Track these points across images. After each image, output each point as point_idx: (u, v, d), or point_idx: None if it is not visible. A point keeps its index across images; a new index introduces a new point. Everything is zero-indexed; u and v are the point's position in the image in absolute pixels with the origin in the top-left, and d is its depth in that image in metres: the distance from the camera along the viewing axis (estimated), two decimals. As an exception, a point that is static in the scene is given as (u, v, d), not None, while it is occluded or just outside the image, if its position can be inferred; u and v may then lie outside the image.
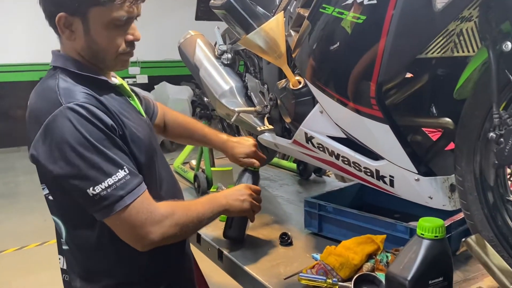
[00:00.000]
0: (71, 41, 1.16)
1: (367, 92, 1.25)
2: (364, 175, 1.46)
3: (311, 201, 1.67)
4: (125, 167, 1.12)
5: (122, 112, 1.21)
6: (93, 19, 1.10)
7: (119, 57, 1.20)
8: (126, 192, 1.11)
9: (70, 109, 1.08)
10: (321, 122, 1.49)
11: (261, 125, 1.95)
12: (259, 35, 1.48)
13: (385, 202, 1.85)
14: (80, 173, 1.08)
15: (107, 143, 1.11)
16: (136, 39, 1.19)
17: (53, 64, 1.21)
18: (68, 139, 1.07)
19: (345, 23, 1.21)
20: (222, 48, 2.14)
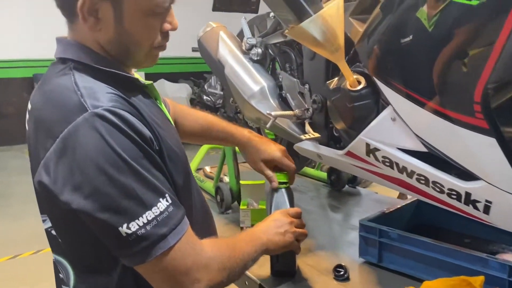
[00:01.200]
0: (95, 31, 0.89)
1: (468, 96, 0.97)
2: (446, 197, 1.18)
3: (370, 226, 1.39)
4: (167, 195, 0.85)
5: (154, 119, 0.94)
6: (129, 4, 0.85)
7: (152, 52, 0.94)
8: (169, 229, 0.83)
9: (99, 116, 0.80)
10: (392, 131, 1.21)
11: (300, 132, 1.67)
12: (316, 23, 1.20)
13: (449, 222, 1.57)
14: (111, 205, 0.80)
15: (145, 162, 0.83)
16: (173, 29, 0.95)
17: (61, 56, 0.92)
18: (96, 157, 0.79)
19: (449, 5, 0.92)
20: (251, 42, 1.85)
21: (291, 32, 1.27)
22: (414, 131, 1.15)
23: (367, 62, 1.23)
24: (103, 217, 0.80)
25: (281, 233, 1.14)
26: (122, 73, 0.92)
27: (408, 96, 1.12)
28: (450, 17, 0.94)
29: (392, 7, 1.10)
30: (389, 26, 1.13)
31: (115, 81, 0.90)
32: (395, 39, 1.11)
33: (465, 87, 0.98)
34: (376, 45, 1.18)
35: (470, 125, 1.00)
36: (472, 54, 0.94)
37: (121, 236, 0.80)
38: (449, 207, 1.20)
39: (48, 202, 0.88)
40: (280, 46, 1.81)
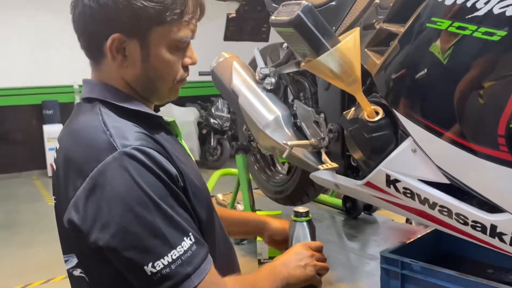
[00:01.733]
0: (122, 68, 0.90)
1: (492, 129, 0.97)
2: (470, 230, 1.16)
3: (391, 258, 1.37)
4: (191, 234, 0.84)
5: (178, 156, 0.93)
6: (155, 42, 0.88)
7: (175, 86, 0.95)
8: (193, 268, 0.82)
9: (128, 155, 0.81)
10: (413, 162, 1.20)
11: (316, 161, 1.66)
12: (333, 57, 1.21)
13: (469, 251, 1.55)
14: (137, 244, 0.79)
15: (171, 200, 0.83)
16: (194, 63, 0.97)
17: (88, 96, 0.94)
18: (124, 196, 0.79)
19: (469, 40, 0.93)
20: (265, 72, 1.87)
21: (308, 65, 1.27)
22: (435, 163, 1.14)
23: (385, 93, 1.23)
24: (129, 256, 0.80)
25: (302, 266, 1.12)
26: (147, 111, 0.93)
27: (428, 128, 1.11)
28: (470, 53, 0.95)
29: (410, 39, 1.11)
30: (407, 58, 1.13)
31: (139, 119, 0.91)
32: (413, 71, 1.12)
33: (488, 120, 0.97)
34: (394, 76, 1.18)
35: (495, 158, 0.99)
36: (495, 87, 0.94)
37: (146, 275, 0.80)
38: (473, 239, 1.18)
39: (78, 241, 0.88)
40: (294, 75, 1.82)
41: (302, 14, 1.18)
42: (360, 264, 1.65)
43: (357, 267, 1.63)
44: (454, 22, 0.95)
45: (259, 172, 2.32)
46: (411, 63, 1.11)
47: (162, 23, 0.86)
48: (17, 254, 4.56)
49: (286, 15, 1.22)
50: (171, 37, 0.88)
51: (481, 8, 0.89)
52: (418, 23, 1.06)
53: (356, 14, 1.43)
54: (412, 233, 1.64)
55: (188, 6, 0.88)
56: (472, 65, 0.96)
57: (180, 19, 0.87)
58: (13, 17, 6.57)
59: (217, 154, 7.53)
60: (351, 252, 1.77)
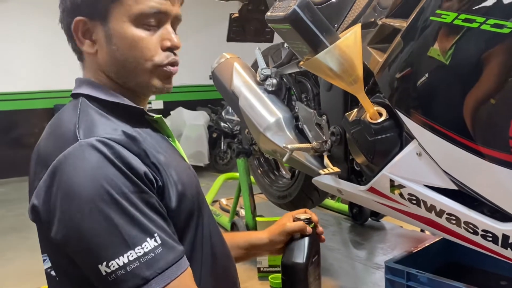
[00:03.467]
0: (93, 55, 0.87)
1: (503, 131, 0.89)
2: (480, 239, 1.08)
3: (396, 268, 1.29)
4: (157, 235, 0.77)
5: (161, 152, 0.88)
6: (116, 19, 0.84)
7: (156, 71, 0.88)
8: (154, 272, 0.75)
9: (90, 146, 0.77)
10: (418, 167, 1.12)
11: (318, 166, 1.59)
12: (332, 54, 1.13)
13: (481, 261, 1.46)
14: (91, 240, 0.74)
15: (134, 197, 0.77)
16: (174, 46, 0.88)
17: (75, 91, 0.91)
18: (80, 188, 0.74)
19: (477, 34, 0.85)
20: (266, 73, 1.80)
21: (307, 64, 1.20)
22: (442, 168, 1.06)
23: (389, 93, 1.16)
24: (84, 252, 0.75)
25: None
26: (130, 104, 0.88)
27: (434, 130, 1.03)
28: (478, 47, 0.87)
29: (414, 35, 1.03)
30: (411, 55, 1.06)
31: (122, 115, 0.86)
32: (417, 69, 1.04)
33: (499, 121, 0.89)
34: (398, 75, 1.10)
35: (506, 162, 0.91)
36: (505, 86, 0.86)
37: (101, 275, 0.74)
38: (483, 250, 1.09)
39: (44, 235, 0.84)
40: (296, 76, 1.75)
41: (298, 9, 1.11)
42: (366, 273, 1.57)
43: (362, 277, 1.55)
44: (460, 14, 0.87)
45: (262, 176, 2.25)
46: (414, 60, 1.04)
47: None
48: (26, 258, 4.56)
49: (282, 10, 1.16)
50: (131, 11, 0.83)
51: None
52: (421, 17, 0.98)
53: (358, 11, 1.36)
54: (422, 241, 1.56)
55: None
56: (481, 61, 0.88)
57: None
58: (25, 21, 6.63)
59: (227, 157, 7.49)
60: (356, 260, 1.69)
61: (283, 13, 1.13)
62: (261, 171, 2.28)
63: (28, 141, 7.23)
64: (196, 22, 7.18)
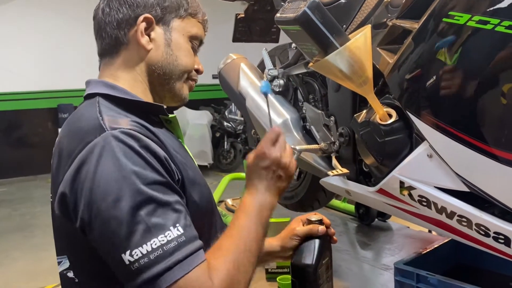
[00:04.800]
0: (144, 51, 0.94)
1: (516, 132, 0.88)
2: (492, 241, 1.07)
3: (406, 270, 1.29)
4: (179, 225, 0.78)
5: (177, 151, 0.91)
6: (176, 30, 0.97)
7: (188, 81, 1.01)
8: (176, 260, 0.75)
9: (115, 138, 0.79)
10: (429, 169, 1.12)
11: (326, 167, 1.59)
12: (343, 56, 1.13)
13: (490, 263, 1.45)
14: (113, 229, 0.75)
15: (159, 187, 0.79)
16: (201, 71, 1.04)
17: (91, 91, 0.93)
18: (106, 177, 0.76)
19: (491, 35, 0.85)
20: (273, 73, 1.80)
21: (316, 65, 1.20)
22: (453, 169, 1.05)
23: (399, 94, 1.15)
24: (107, 240, 0.76)
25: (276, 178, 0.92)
26: (147, 101, 0.93)
27: (445, 132, 1.03)
28: (492, 49, 0.86)
29: (426, 36, 1.03)
30: (422, 57, 1.05)
31: (138, 113, 0.90)
32: (429, 71, 1.04)
33: (511, 122, 0.89)
34: (408, 76, 1.10)
35: (519, 164, 0.91)
36: (519, 87, 0.86)
37: (124, 264, 0.75)
38: (495, 252, 1.09)
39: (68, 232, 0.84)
40: (303, 76, 1.75)
41: (308, 11, 1.11)
42: (373, 275, 1.57)
43: (370, 278, 1.55)
44: (474, 16, 0.87)
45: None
46: (426, 62, 1.03)
47: (183, 15, 0.96)
48: (30, 257, 4.57)
49: (291, 12, 1.15)
50: (189, 30, 0.97)
51: (504, 0, 0.81)
52: (433, 18, 0.98)
53: (368, 11, 1.35)
54: (429, 242, 1.56)
55: (199, 8, 1.00)
56: (495, 62, 0.87)
57: (197, 17, 0.98)
58: (29, 21, 6.64)
59: (231, 157, 7.49)
60: (364, 261, 1.69)
61: (293, 14, 1.13)
62: (267, 171, 2.27)
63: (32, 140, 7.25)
64: (199, 22, 7.20)
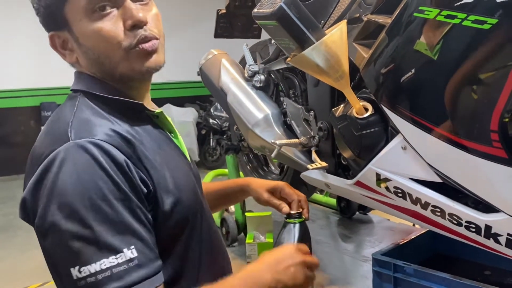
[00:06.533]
0: (77, 63, 0.87)
1: (484, 124, 0.91)
2: (464, 230, 1.11)
3: (383, 260, 1.32)
4: (134, 248, 0.75)
5: (158, 153, 0.86)
6: (74, 21, 0.83)
7: (131, 55, 0.83)
8: (123, 284, 0.73)
9: (80, 147, 0.76)
10: (403, 161, 1.15)
11: (306, 161, 1.61)
12: (319, 50, 1.15)
13: (466, 252, 1.49)
14: (65, 242, 0.73)
15: (117, 205, 0.75)
16: (137, 21, 0.82)
17: (73, 88, 0.90)
18: (63, 189, 0.74)
19: (458, 29, 0.87)
20: (254, 69, 1.81)
21: (293, 60, 1.22)
22: (426, 161, 1.08)
23: (374, 88, 1.18)
24: (58, 251, 0.75)
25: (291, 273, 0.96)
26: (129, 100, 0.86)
27: (418, 124, 1.05)
28: (460, 43, 0.89)
29: (398, 31, 1.05)
30: (395, 51, 1.08)
31: (122, 111, 0.85)
32: (401, 65, 1.06)
33: (480, 115, 0.92)
34: (382, 71, 1.12)
35: (488, 154, 0.93)
36: (486, 80, 0.88)
37: (72, 278, 0.73)
38: (467, 240, 1.12)
39: None
40: (283, 72, 1.77)
41: (284, 6, 1.12)
42: (354, 266, 1.59)
43: (350, 269, 1.57)
44: (443, 11, 0.89)
45: (252, 172, 2.26)
46: (398, 56, 1.05)
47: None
48: (14, 257, 4.52)
49: (268, 7, 1.17)
50: (79, 5, 0.80)
51: (470, -5, 0.84)
52: (405, 13, 1.00)
53: (344, 7, 1.37)
54: (408, 234, 1.59)
55: None
56: (463, 56, 0.90)
57: None
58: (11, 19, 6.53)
59: (217, 154, 7.48)
60: (344, 253, 1.71)
61: (270, 9, 1.14)
62: (250, 167, 2.29)
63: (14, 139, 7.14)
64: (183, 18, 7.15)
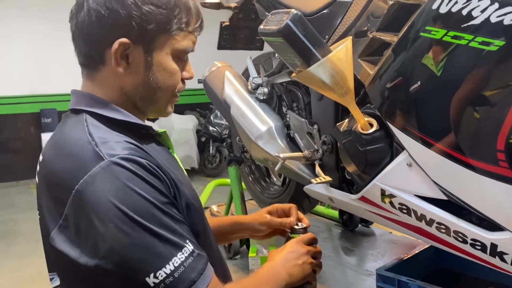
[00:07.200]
0: (122, 76, 0.87)
1: (491, 144, 0.91)
2: (469, 248, 1.11)
3: (387, 276, 1.31)
4: (188, 241, 0.80)
5: (168, 166, 0.89)
6: (159, 49, 0.86)
7: (173, 98, 0.92)
8: (197, 274, 0.78)
9: (117, 165, 0.77)
10: (409, 177, 1.15)
11: (310, 174, 1.61)
12: (324, 67, 1.15)
13: (470, 268, 1.49)
14: (132, 257, 0.75)
15: (167, 207, 0.79)
16: (191, 77, 0.94)
17: (75, 107, 0.90)
18: (117, 203, 0.74)
19: (465, 50, 0.88)
20: (257, 82, 1.82)
21: (299, 76, 1.22)
22: (432, 178, 1.08)
23: (379, 105, 1.18)
24: (125, 270, 0.75)
25: (299, 265, 1.03)
26: (135, 121, 0.89)
27: (424, 142, 1.06)
28: (467, 63, 0.89)
29: (404, 49, 1.06)
30: (401, 69, 1.08)
31: (128, 130, 0.87)
32: (407, 82, 1.07)
33: (487, 135, 0.92)
34: (388, 88, 1.13)
35: (494, 174, 0.94)
36: (493, 100, 0.89)
37: (148, 287, 0.75)
38: (473, 258, 1.12)
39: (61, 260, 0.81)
40: (287, 85, 1.77)
41: (291, 23, 1.13)
42: (356, 280, 1.59)
43: (352, 283, 1.57)
44: (450, 31, 0.90)
45: (254, 183, 2.26)
46: (404, 74, 1.06)
47: (168, 31, 0.85)
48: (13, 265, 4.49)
49: (274, 24, 1.17)
50: (175, 46, 0.86)
51: (478, 17, 0.84)
52: (411, 32, 1.01)
53: (350, 22, 1.38)
54: (411, 247, 1.58)
55: (192, 17, 0.89)
56: (469, 76, 0.91)
57: (185, 29, 0.87)
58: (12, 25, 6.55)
59: (216, 161, 7.48)
60: (347, 267, 1.71)
61: (276, 27, 1.15)
62: (252, 178, 2.29)
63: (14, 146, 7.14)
64: (184, 27, 7.19)
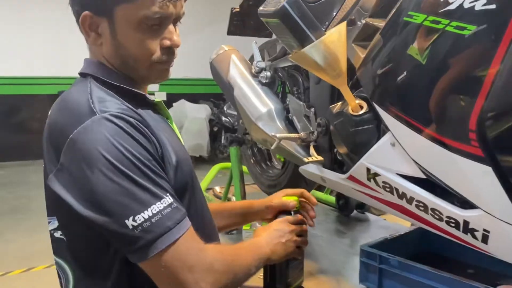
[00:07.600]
0: (98, 46, 0.95)
1: (464, 124, 0.97)
2: (445, 225, 1.17)
3: (370, 251, 1.38)
4: (169, 194, 0.88)
5: (160, 130, 0.98)
6: (121, 19, 0.90)
7: (154, 67, 0.96)
8: (174, 223, 0.86)
9: (106, 120, 0.86)
10: (392, 156, 1.21)
11: (305, 155, 1.68)
12: (318, 49, 1.22)
13: (454, 251, 1.55)
14: (116, 199, 0.84)
15: (150, 162, 0.88)
16: (174, 45, 0.95)
17: (83, 71, 1.00)
18: (104, 152, 0.84)
19: (442, 34, 0.94)
20: (261, 65, 1.89)
21: (294, 56, 1.29)
22: (412, 157, 1.15)
23: (367, 87, 1.25)
24: (108, 212, 0.83)
25: (282, 243, 1.11)
26: (133, 89, 0.97)
27: (406, 123, 1.12)
28: (444, 47, 0.95)
29: (390, 34, 1.12)
30: (386, 53, 1.14)
31: (126, 96, 0.95)
32: (391, 65, 1.13)
33: (461, 115, 0.98)
34: (375, 71, 1.19)
35: (466, 152, 1.00)
36: (466, 82, 0.95)
37: (126, 229, 0.83)
38: (448, 235, 1.18)
39: (54, 200, 0.92)
40: (289, 69, 1.84)
41: (287, 5, 1.20)
42: (345, 259, 1.66)
43: (341, 261, 1.65)
44: (429, 16, 0.96)
45: (255, 165, 2.34)
46: (389, 57, 1.12)
47: (125, 1, 0.88)
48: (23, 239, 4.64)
49: (272, 5, 1.25)
50: (137, 15, 0.89)
51: (453, 2, 0.90)
52: (396, 17, 1.07)
53: (347, 10, 1.44)
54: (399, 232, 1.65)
55: None
56: (446, 59, 0.97)
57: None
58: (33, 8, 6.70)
59: (227, 151, 7.54)
60: (337, 247, 1.78)
61: (273, 8, 1.22)
62: (253, 160, 2.37)
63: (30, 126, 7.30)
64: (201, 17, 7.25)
